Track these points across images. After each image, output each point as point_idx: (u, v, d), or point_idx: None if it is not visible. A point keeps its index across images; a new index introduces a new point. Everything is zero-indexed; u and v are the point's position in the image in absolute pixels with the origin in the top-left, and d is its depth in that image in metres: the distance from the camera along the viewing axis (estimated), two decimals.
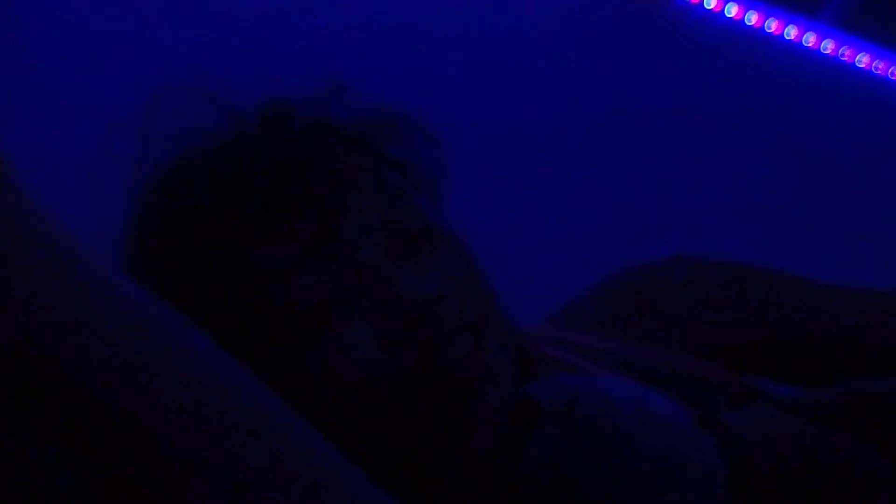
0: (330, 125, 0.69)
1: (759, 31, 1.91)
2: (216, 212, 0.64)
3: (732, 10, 1.89)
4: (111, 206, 0.68)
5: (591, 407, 0.54)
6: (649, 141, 1.76)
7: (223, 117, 0.68)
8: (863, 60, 1.90)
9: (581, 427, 0.53)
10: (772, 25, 1.90)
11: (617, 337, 0.74)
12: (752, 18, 1.90)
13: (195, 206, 0.65)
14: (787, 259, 0.83)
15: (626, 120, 1.77)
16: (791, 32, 1.90)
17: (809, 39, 1.89)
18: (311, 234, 0.63)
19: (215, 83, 0.69)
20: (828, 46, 1.90)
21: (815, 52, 1.90)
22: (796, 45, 1.91)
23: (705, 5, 1.88)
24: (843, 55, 1.90)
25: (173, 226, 0.66)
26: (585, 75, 1.76)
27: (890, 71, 1.90)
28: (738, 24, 1.90)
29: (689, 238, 1.65)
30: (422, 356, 0.62)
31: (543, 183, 1.66)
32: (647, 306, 0.75)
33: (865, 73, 1.91)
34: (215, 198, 0.65)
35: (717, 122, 1.83)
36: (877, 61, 1.90)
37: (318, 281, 0.62)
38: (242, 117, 0.69)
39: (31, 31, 1.36)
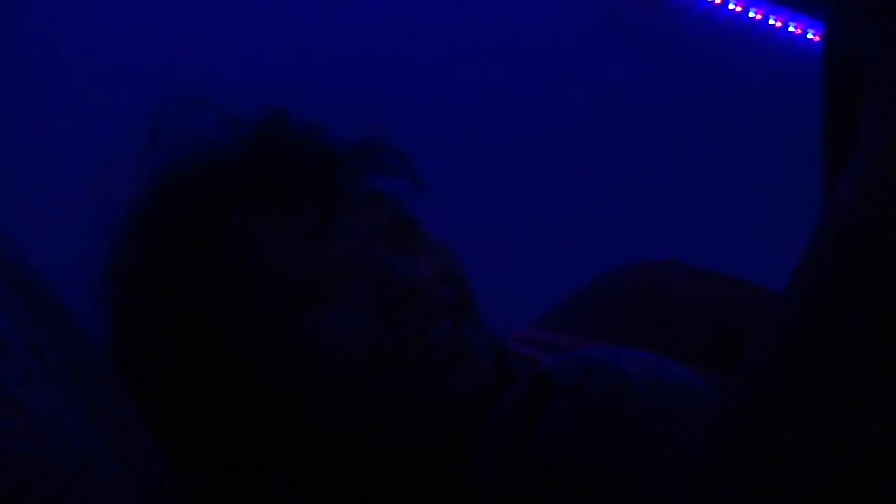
0: (318, 134, 0.72)
1: (761, 26, 1.91)
2: (223, 192, 0.69)
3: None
4: (117, 202, 0.71)
5: (601, 379, 0.56)
6: (649, 138, 1.76)
7: (223, 124, 0.73)
8: None
9: (591, 398, 0.56)
10: (775, 20, 1.91)
11: (603, 338, 0.75)
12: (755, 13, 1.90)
13: (202, 192, 0.70)
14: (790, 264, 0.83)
15: (625, 116, 1.77)
16: (793, 27, 1.90)
17: (813, 34, 1.90)
18: (306, 224, 0.67)
19: (216, 92, 0.72)
20: None
21: (818, 46, 1.89)
22: (799, 40, 1.92)
23: None
24: None
25: (180, 211, 0.70)
26: (585, 70, 1.76)
27: None
28: (739, 18, 1.91)
29: (691, 237, 1.66)
30: (405, 334, 0.65)
31: (541, 182, 1.67)
32: (641, 307, 0.77)
33: None
34: (222, 183, 0.70)
35: (718, 118, 1.84)
36: None
37: (312, 260, 0.66)
38: (240, 124, 0.73)
39: (32, 36, 1.37)
